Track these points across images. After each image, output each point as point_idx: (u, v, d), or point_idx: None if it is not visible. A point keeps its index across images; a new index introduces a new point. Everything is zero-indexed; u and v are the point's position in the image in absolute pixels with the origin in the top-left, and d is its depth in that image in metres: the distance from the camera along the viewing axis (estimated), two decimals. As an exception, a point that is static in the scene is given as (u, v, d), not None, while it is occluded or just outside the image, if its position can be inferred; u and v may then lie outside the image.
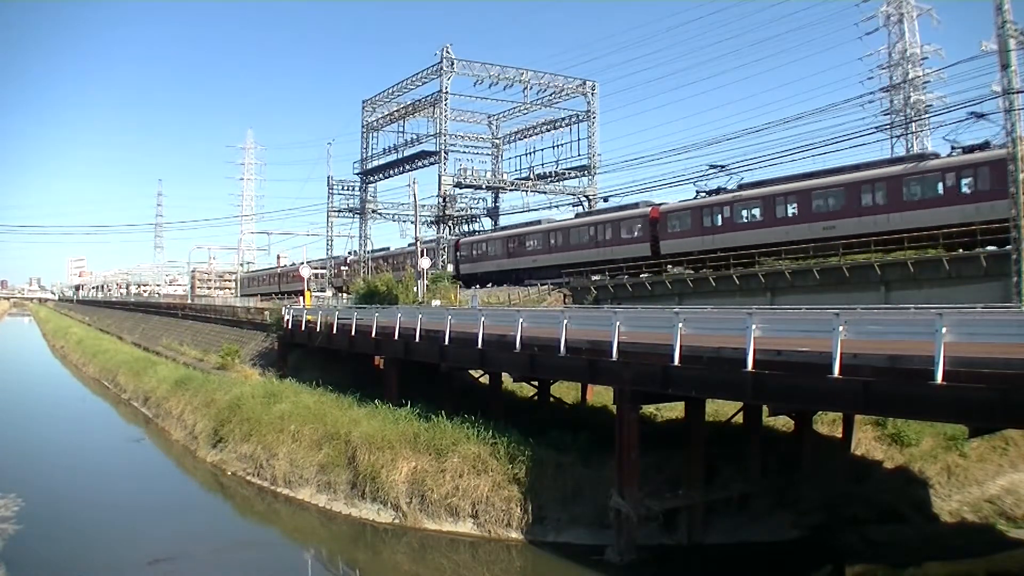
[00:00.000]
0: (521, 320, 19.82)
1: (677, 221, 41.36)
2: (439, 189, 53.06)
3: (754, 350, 13.37)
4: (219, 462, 24.54)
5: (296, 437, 22.57)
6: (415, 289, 39.30)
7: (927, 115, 50.50)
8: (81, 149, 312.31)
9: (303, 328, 34.16)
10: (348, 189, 62.21)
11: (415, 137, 56.55)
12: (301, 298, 47.45)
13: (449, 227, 55.38)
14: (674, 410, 20.95)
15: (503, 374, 23.49)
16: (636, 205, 43.85)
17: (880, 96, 48.14)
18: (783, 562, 16.32)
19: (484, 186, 57.80)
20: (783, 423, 19.99)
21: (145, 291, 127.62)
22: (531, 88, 54.64)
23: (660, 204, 42.89)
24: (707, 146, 48.92)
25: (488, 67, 52.55)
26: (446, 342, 22.44)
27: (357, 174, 61.80)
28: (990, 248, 29.89)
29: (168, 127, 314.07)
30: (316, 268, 64.30)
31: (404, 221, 58.85)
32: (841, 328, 12.08)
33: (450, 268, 49.68)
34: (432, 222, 55.09)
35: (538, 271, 48.57)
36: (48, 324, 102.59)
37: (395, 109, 58.73)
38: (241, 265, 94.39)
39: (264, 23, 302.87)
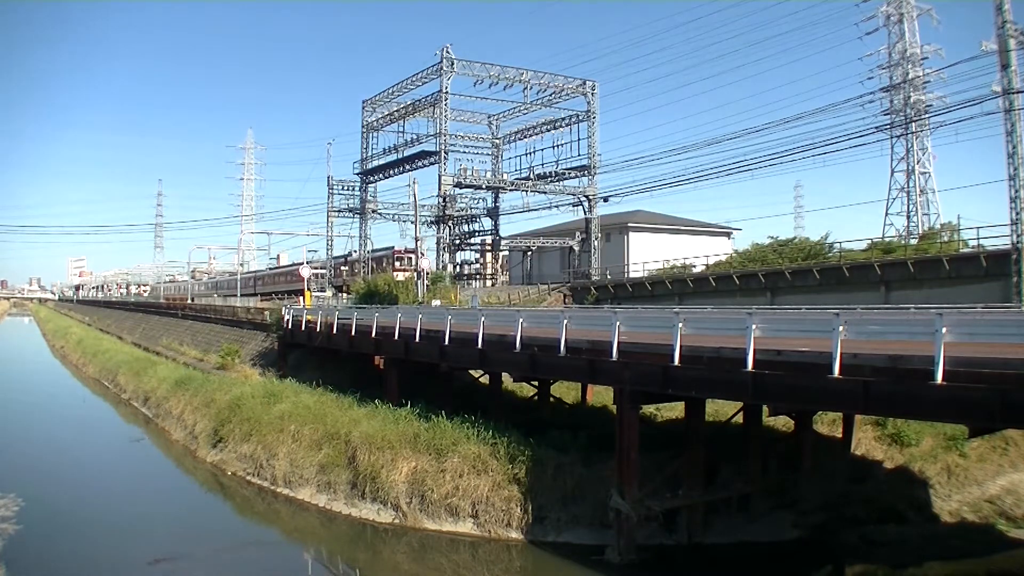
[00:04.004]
0: (521, 320, 19.81)
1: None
2: (439, 189, 52.99)
3: (754, 350, 13.36)
4: (219, 462, 24.53)
5: (296, 437, 22.57)
6: (415, 289, 39.31)
7: (927, 115, 50.42)
8: (81, 149, 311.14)
9: (303, 328, 34.16)
10: (348, 189, 62.13)
11: (415, 137, 56.52)
12: (301, 298, 47.48)
13: (449, 227, 55.38)
14: (674, 410, 20.95)
15: (503, 374, 23.49)
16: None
17: (880, 96, 48.06)
18: (783, 562, 16.32)
19: (484, 186, 57.70)
20: (783, 423, 19.99)
21: (145, 291, 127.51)
22: (531, 88, 54.56)
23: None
24: (707, 146, 48.70)
25: (488, 67, 52.49)
26: (446, 342, 22.43)
27: (357, 174, 61.77)
28: (990, 248, 30.20)
29: (168, 127, 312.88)
30: (317, 268, 64.32)
31: (404, 221, 58.83)
32: (841, 328, 12.07)
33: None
34: (432, 222, 55.08)
35: None
36: (48, 324, 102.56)
37: (395, 109, 58.68)
38: (241, 265, 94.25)
39: (264, 23, 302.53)
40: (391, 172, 60.11)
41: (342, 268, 65.45)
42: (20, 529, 17.65)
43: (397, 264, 59.42)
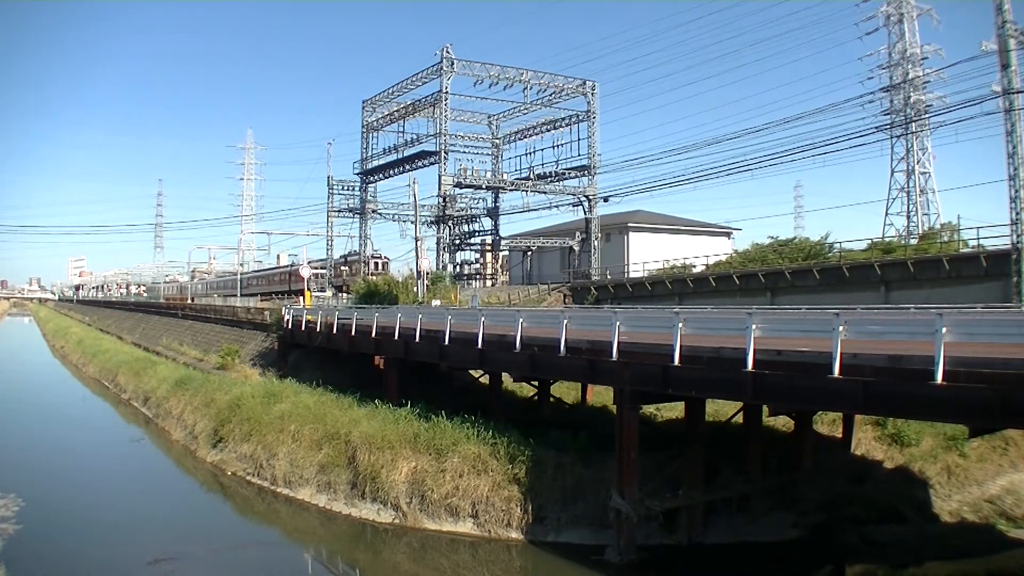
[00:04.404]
0: (521, 320, 19.81)
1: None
2: (439, 189, 53.02)
3: (754, 350, 13.35)
4: (219, 462, 24.53)
5: (296, 437, 22.56)
6: (415, 289, 39.34)
7: (927, 115, 50.47)
8: (81, 149, 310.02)
9: (303, 328, 34.16)
10: (348, 189, 62.16)
11: (415, 137, 56.54)
12: (301, 298, 47.51)
13: (449, 227, 55.40)
14: (674, 410, 20.95)
15: (503, 374, 23.49)
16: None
17: (880, 96, 48.07)
18: (783, 562, 16.33)
19: (484, 186, 57.71)
20: (783, 423, 19.99)
21: (145, 293, 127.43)
22: (531, 88, 54.59)
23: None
24: (707, 146, 48.85)
25: (488, 67, 52.50)
26: (446, 342, 22.42)
27: (357, 174, 61.79)
28: (990, 248, 30.28)
29: (168, 127, 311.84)
30: (316, 268, 64.40)
31: (404, 221, 58.86)
32: (841, 328, 12.07)
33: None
34: (432, 222, 55.10)
35: None
36: (48, 324, 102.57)
37: (395, 109, 58.70)
38: (241, 265, 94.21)
39: (264, 23, 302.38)
40: (391, 172, 60.13)
41: (342, 268, 65.53)
42: (20, 529, 17.65)
43: (343, 269, 63.29)
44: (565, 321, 18.22)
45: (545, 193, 56.60)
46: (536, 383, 25.38)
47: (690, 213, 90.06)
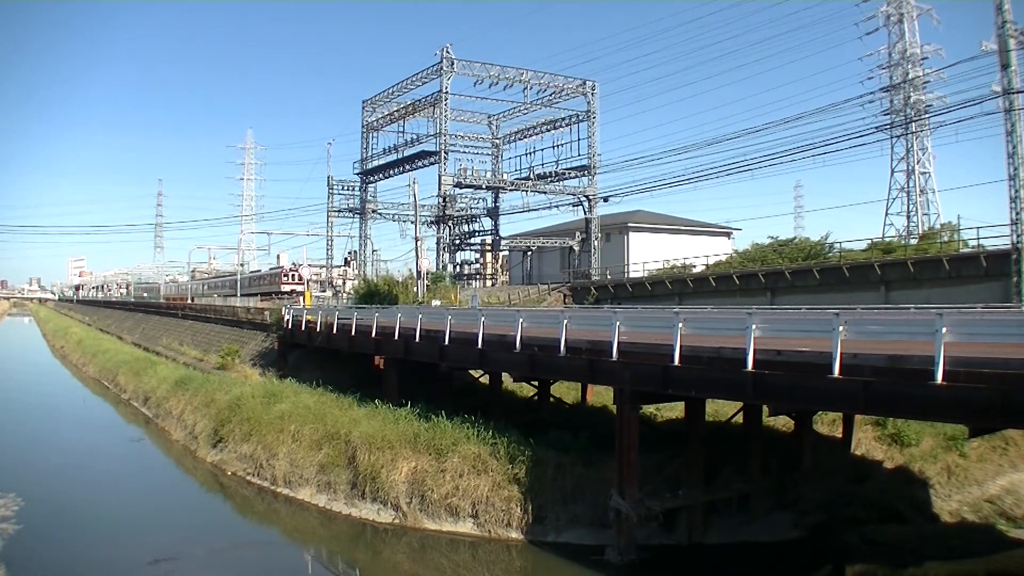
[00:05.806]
0: (521, 320, 19.80)
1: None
2: (439, 189, 53.07)
3: (754, 350, 13.35)
4: (219, 462, 24.53)
5: (296, 437, 22.56)
6: (415, 289, 39.36)
7: (927, 115, 50.51)
8: (81, 149, 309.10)
9: (303, 328, 34.16)
10: (348, 189, 62.24)
11: (415, 137, 56.60)
12: (301, 298, 47.56)
13: (449, 227, 55.42)
14: (674, 410, 20.95)
15: (503, 374, 23.48)
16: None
17: (880, 96, 48.10)
18: (783, 562, 16.33)
19: (484, 186, 57.75)
20: (783, 423, 19.99)
21: (145, 294, 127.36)
22: (531, 88, 54.63)
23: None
24: (707, 146, 49.10)
25: (488, 67, 52.54)
26: (446, 342, 22.43)
27: (357, 174, 61.84)
28: (990, 248, 30.34)
29: (168, 127, 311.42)
30: (315, 268, 64.75)
31: (404, 221, 58.91)
32: (841, 328, 12.07)
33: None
34: (432, 222, 55.14)
35: None
36: (48, 324, 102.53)
37: (395, 109, 58.74)
38: (241, 265, 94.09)
39: (264, 23, 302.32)
40: (391, 172, 60.18)
41: (344, 269, 65.70)
42: (20, 529, 17.65)
43: (284, 279, 65.72)
44: (565, 321, 18.22)
45: (545, 193, 56.63)
46: (536, 383, 25.38)
47: (690, 213, 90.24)
